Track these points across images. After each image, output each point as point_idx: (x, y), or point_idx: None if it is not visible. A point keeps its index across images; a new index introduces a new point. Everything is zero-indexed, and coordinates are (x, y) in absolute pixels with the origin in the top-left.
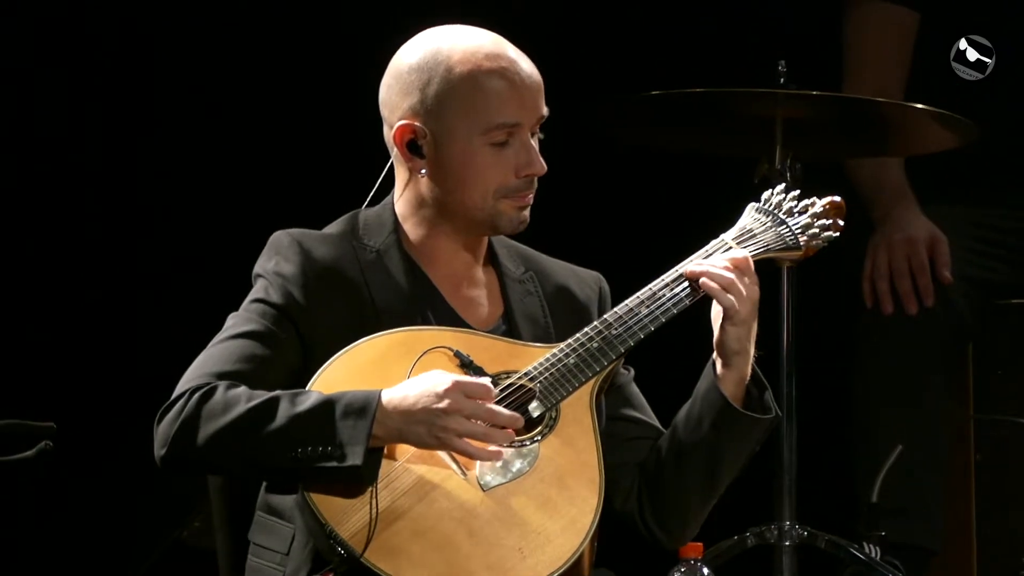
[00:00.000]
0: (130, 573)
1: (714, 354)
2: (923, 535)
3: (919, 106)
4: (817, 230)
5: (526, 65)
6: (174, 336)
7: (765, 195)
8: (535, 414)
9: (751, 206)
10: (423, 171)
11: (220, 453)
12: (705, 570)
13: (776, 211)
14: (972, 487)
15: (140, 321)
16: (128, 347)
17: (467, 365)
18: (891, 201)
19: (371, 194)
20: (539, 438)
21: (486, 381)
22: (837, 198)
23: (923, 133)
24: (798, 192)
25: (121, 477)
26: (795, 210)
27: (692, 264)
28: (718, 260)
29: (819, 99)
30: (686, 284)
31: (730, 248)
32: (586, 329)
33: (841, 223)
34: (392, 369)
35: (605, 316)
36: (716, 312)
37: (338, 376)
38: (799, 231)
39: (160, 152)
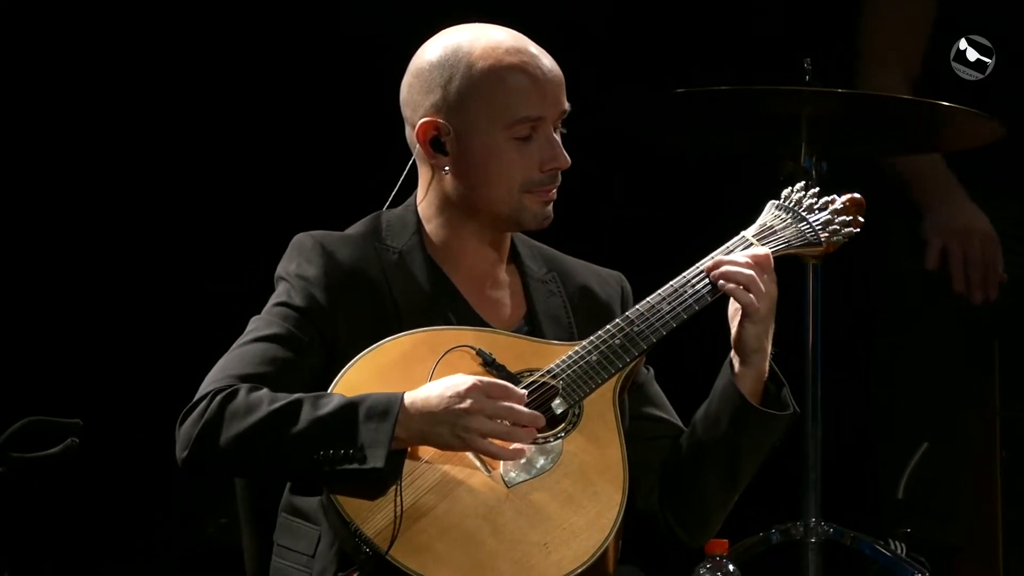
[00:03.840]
0: (156, 569)
1: (732, 352)
2: (949, 532)
3: (946, 104)
4: (837, 226)
5: (547, 60)
6: (199, 336)
7: (785, 192)
8: (558, 411)
9: (771, 203)
10: (446, 168)
11: (242, 455)
12: (731, 567)
13: (796, 208)
14: (998, 484)
15: (166, 320)
16: (154, 346)
17: (490, 364)
18: (943, 188)
19: (392, 194)
20: (562, 435)
21: (508, 382)
22: (857, 195)
23: (950, 130)
24: (818, 189)
25: (147, 473)
26: (815, 207)
27: (712, 261)
28: (738, 257)
29: (844, 97)
30: (707, 281)
31: (751, 245)
32: (608, 326)
33: (862, 219)
34: (415, 369)
35: (627, 313)
36: (734, 309)
37: (361, 376)
38: (819, 227)
39: (186, 155)
